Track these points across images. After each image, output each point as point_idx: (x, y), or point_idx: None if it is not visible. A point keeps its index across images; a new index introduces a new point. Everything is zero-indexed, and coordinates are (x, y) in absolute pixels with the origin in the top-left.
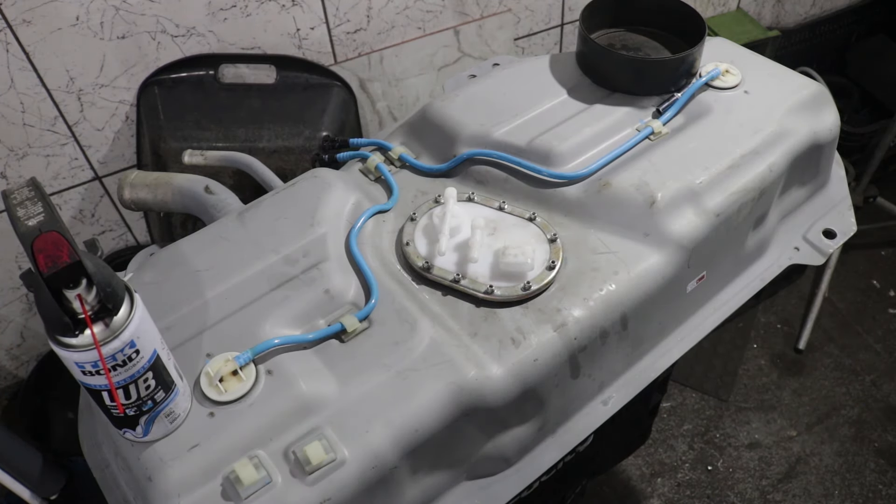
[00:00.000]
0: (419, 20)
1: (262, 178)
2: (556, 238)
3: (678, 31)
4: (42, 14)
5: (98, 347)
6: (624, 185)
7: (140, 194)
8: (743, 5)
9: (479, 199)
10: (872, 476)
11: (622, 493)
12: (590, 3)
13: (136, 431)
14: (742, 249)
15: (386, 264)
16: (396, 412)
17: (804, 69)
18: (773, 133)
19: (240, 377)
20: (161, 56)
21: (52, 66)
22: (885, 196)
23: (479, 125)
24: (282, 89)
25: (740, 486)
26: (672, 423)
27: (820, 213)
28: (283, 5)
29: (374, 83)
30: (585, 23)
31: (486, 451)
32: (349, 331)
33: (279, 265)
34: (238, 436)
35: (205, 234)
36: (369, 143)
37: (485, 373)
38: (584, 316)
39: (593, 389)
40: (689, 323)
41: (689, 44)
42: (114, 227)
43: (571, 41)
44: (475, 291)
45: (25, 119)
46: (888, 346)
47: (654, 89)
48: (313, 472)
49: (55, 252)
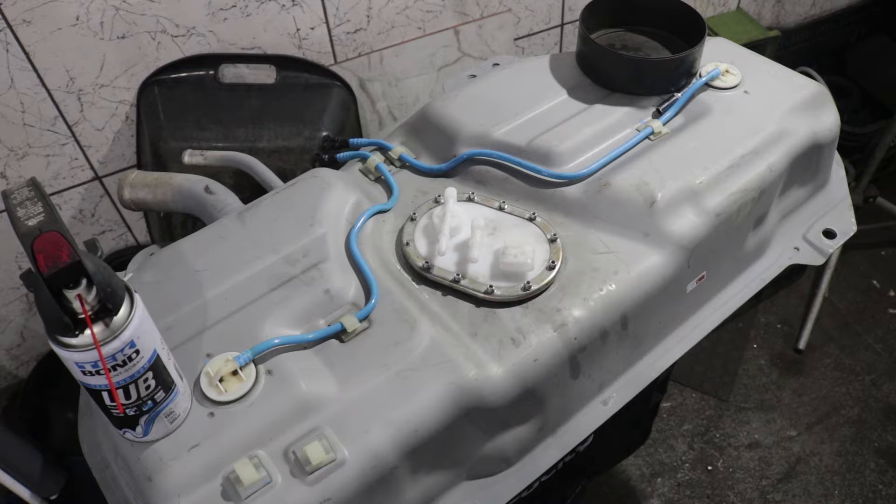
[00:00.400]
0: (419, 20)
1: (262, 178)
2: (556, 238)
3: (678, 30)
4: (42, 14)
5: (98, 347)
6: (624, 185)
7: (140, 194)
8: (743, 5)
9: (479, 199)
10: (872, 476)
11: (622, 493)
12: (590, 3)
13: (136, 431)
14: (742, 249)
15: (386, 264)
16: (396, 412)
17: (804, 69)
18: (773, 133)
19: (240, 377)
20: (161, 56)
21: (52, 66)
22: (885, 196)
23: (479, 125)
24: (282, 89)
25: (740, 486)
26: (672, 423)
27: (820, 213)
28: (283, 5)
29: (374, 83)
30: (585, 23)
31: (486, 451)
32: (349, 331)
33: (279, 265)
34: (238, 436)
35: (205, 234)
36: (369, 143)
37: (485, 373)
38: (584, 316)
39: (593, 389)
40: (689, 323)
41: (689, 44)
42: (114, 227)
43: (571, 41)
44: (475, 291)
45: (25, 119)
46: (888, 346)
47: (654, 89)
48: (313, 472)
49: (55, 252)
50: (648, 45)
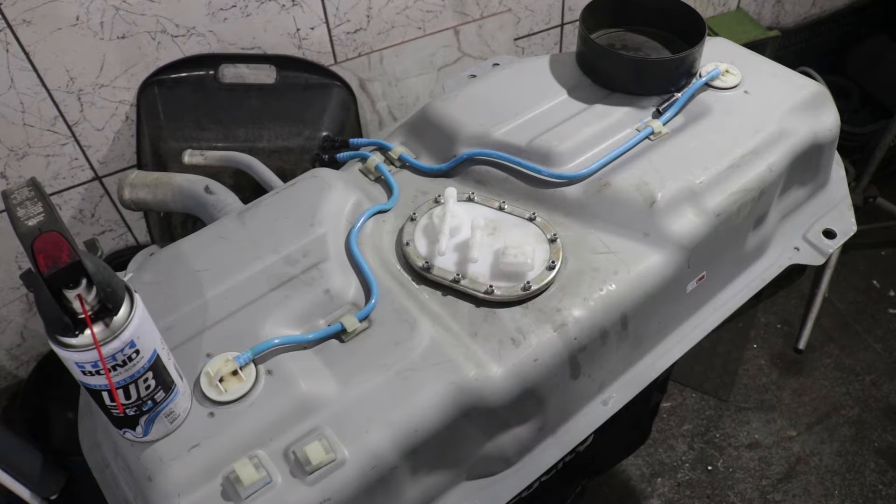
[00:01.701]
0: (419, 20)
1: (262, 178)
2: (556, 238)
3: (678, 30)
4: (42, 14)
5: (98, 347)
6: (624, 185)
7: (140, 194)
8: (743, 5)
9: (479, 199)
10: (872, 476)
11: (622, 493)
12: (590, 3)
13: (136, 431)
14: (742, 249)
15: (386, 264)
16: (396, 412)
17: (804, 69)
18: (773, 133)
19: (240, 377)
20: (161, 56)
21: (52, 66)
22: (885, 196)
23: (479, 125)
24: (282, 89)
25: (740, 486)
26: (672, 423)
27: (820, 213)
28: (283, 5)
29: (374, 83)
30: (585, 23)
31: (486, 451)
32: (349, 331)
33: (279, 265)
34: (238, 436)
35: (205, 234)
36: (369, 143)
37: (485, 373)
38: (584, 316)
39: (593, 389)
40: (689, 323)
41: (689, 44)
42: (114, 227)
43: (571, 41)
44: (475, 291)
45: (25, 119)
46: (888, 346)
47: (653, 89)
48: (313, 472)
49: (55, 252)
50: (648, 44)
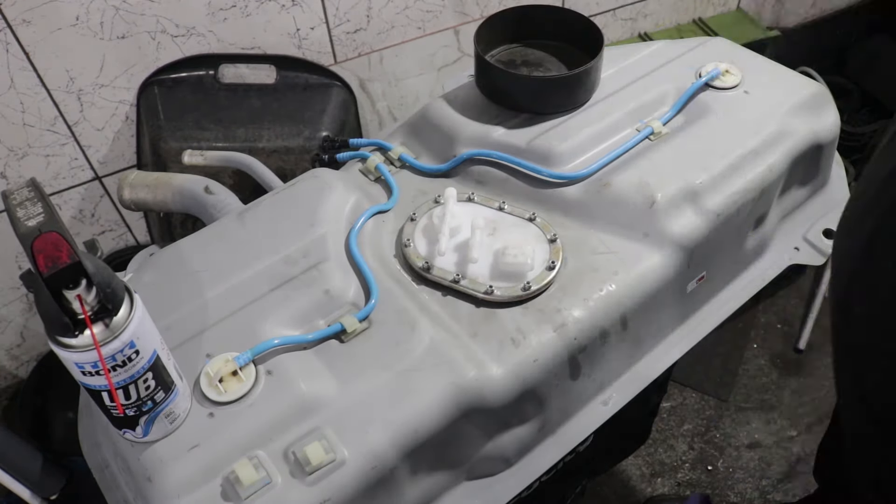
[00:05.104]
0: (419, 20)
1: (262, 178)
2: (556, 238)
3: (579, 43)
4: (42, 14)
5: (98, 348)
6: (624, 186)
7: (140, 194)
8: (743, 5)
9: (479, 200)
10: None
11: (622, 493)
12: (486, 19)
13: (136, 432)
14: (742, 249)
15: (386, 264)
16: (396, 412)
17: (804, 69)
18: (773, 133)
19: (240, 377)
20: (161, 56)
21: (52, 66)
22: None
23: (479, 125)
24: (282, 89)
25: (740, 486)
26: (672, 423)
27: (820, 213)
28: (283, 5)
29: (374, 83)
30: (481, 43)
31: (486, 451)
32: (349, 331)
33: (279, 265)
34: (238, 436)
35: (205, 234)
36: (369, 143)
37: (485, 373)
38: (583, 316)
39: (593, 389)
40: (689, 323)
41: (589, 55)
42: (114, 227)
43: None
44: (475, 292)
45: (25, 119)
46: None
47: (557, 108)
48: (313, 472)
49: (55, 252)
50: (548, 60)
